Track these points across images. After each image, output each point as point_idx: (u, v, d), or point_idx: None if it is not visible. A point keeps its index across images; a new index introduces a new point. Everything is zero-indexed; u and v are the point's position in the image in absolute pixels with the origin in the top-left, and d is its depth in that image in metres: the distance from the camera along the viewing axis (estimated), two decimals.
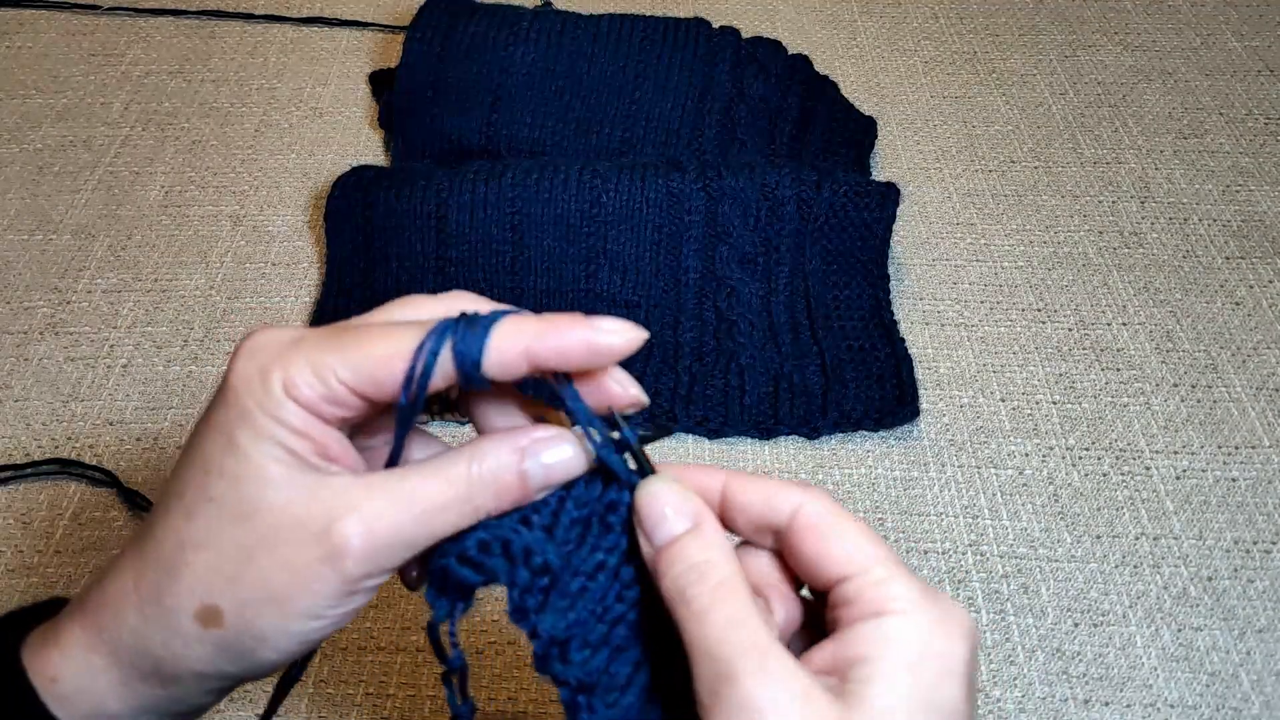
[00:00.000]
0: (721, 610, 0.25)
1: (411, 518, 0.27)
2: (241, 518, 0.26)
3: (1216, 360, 0.61)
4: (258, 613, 0.26)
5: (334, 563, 0.26)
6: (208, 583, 0.27)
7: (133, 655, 0.27)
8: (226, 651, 0.27)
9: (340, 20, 0.88)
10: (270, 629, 0.27)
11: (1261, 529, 0.53)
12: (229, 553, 0.26)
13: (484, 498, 0.27)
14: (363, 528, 0.26)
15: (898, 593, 0.26)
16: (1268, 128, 0.76)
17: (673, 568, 0.27)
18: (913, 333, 0.63)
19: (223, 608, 0.27)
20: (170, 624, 0.27)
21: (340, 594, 0.27)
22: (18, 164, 0.76)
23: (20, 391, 0.61)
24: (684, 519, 0.28)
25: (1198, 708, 0.47)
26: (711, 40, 0.75)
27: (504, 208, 0.62)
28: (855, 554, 0.27)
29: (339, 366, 0.26)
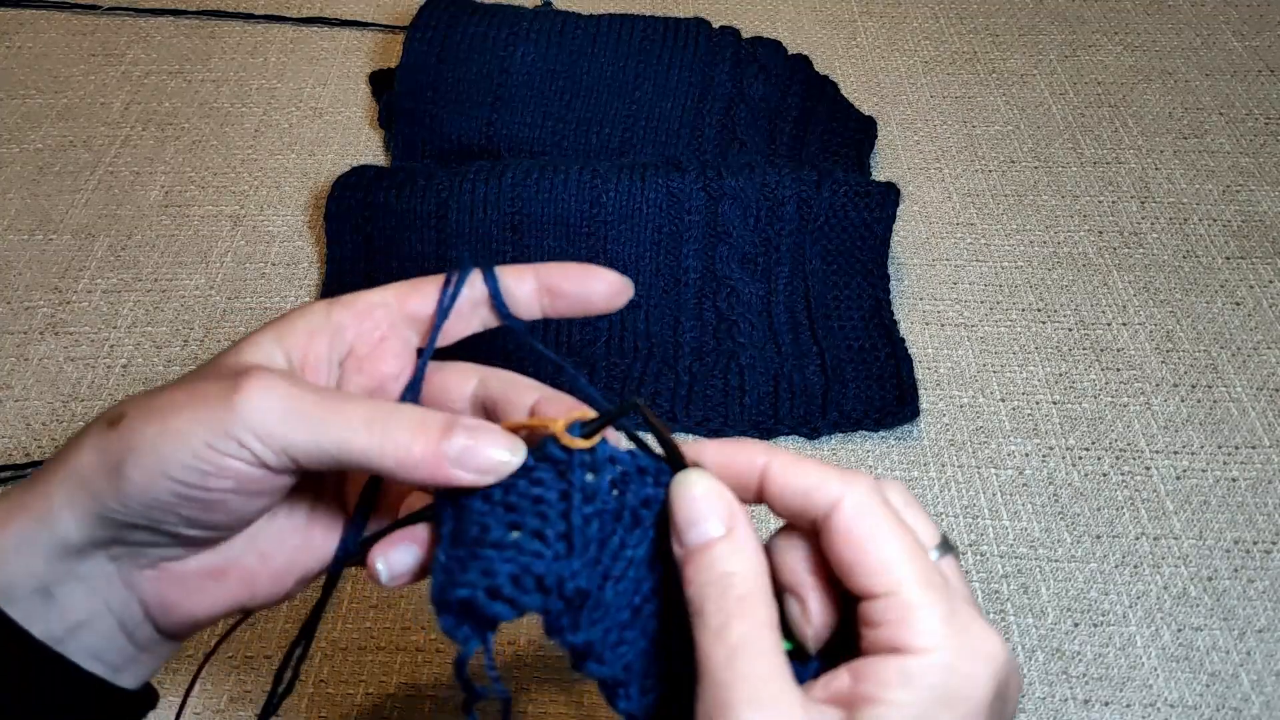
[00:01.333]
0: (733, 632, 0.25)
1: (315, 400, 0.27)
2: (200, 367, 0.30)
3: (1216, 360, 0.61)
4: (146, 419, 0.27)
5: (226, 395, 0.27)
6: (133, 399, 0.28)
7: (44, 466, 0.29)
8: (104, 455, 0.27)
9: (340, 20, 0.88)
10: (145, 440, 0.27)
11: (1261, 529, 0.53)
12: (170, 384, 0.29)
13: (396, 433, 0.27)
14: (267, 380, 0.27)
15: (922, 625, 0.25)
16: (1268, 128, 0.76)
17: (697, 575, 0.26)
18: (913, 333, 0.63)
19: (127, 414, 0.28)
20: (88, 427, 0.28)
21: (218, 431, 0.26)
22: (18, 164, 0.76)
23: (20, 391, 0.61)
24: (716, 522, 0.27)
25: (1198, 708, 0.47)
26: (711, 40, 0.75)
27: (504, 208, 0.62)
28: (885, 570, 0.26)
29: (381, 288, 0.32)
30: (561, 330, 0.62)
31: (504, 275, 0.32)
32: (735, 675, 0.24)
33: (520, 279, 0.32)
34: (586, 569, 0.27)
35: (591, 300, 0.32)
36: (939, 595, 0.25)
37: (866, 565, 0.26)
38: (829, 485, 0.27)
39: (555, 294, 0.32)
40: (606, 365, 0.60)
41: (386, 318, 0.32)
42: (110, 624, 0.30)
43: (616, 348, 0.62)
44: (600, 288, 0.32)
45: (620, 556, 0.28)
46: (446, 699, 0.48)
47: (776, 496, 0.28)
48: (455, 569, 0.27)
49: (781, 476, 0.28)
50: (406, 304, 0.32)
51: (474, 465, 0.27)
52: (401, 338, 0.32)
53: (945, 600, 0.25)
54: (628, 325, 0.62)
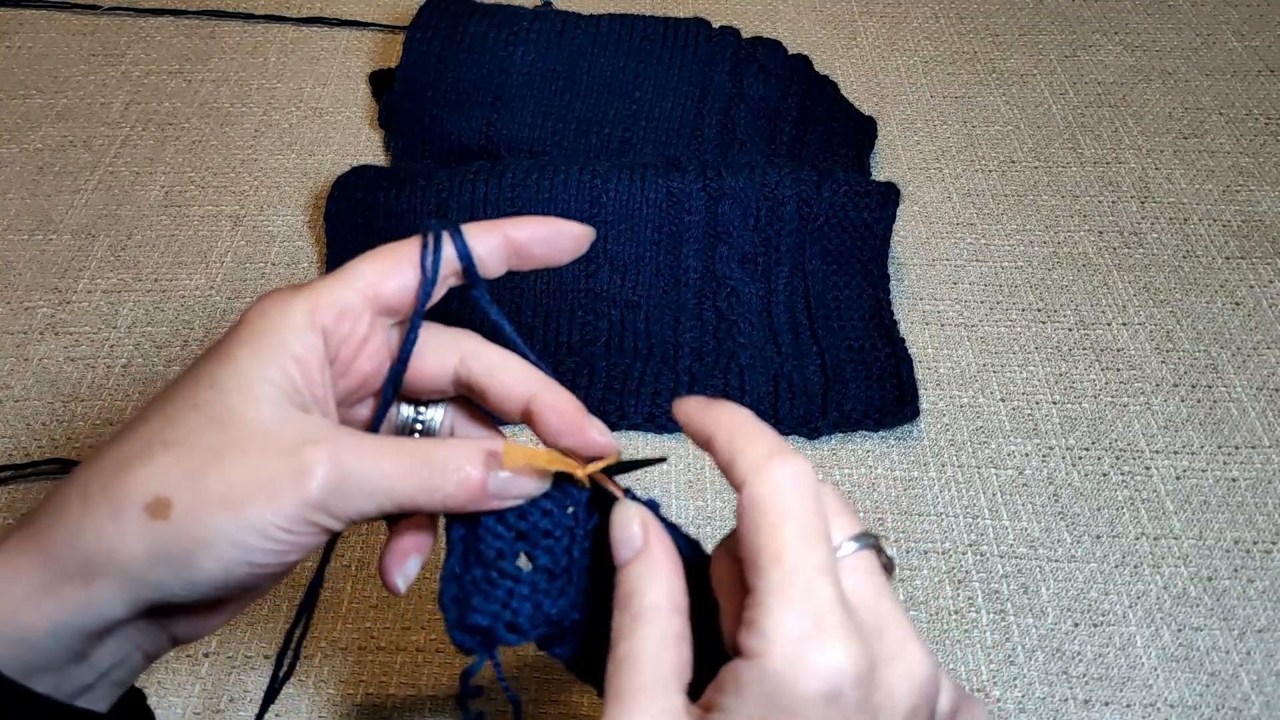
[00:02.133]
0: (622, 645, 0.27)
1: (376, 468, 0.28)
2: (220, 423, 0.27)
3: (1216, 360, 0.61)
4: (210, 512, 0.26)
5: (298, 479, 0.26)
6: (167, 476, 0.26)
7: (63, 551, 0.26)
8: (163, 548, 0.26)
9: (340, 20, 0.88)
10: (216, 532, 0.26)
11: (1261, 529, 0.53)
12: (199, 452, 0.27)
13: (442, 480, 0.28)
14: (332, 455, 0.27)
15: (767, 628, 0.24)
16: (1268, 128, 0.76)
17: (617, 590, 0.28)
18: (913, 333, 0.63)
19: (175, 501, 0.26)
20: (114, 512, 0.26)
21: (294, 516, 0.27)
22: (18, 164, 0.76)
23: (20, 391, 0.61)
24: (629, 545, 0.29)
25: (1198, 708, 0.47)
26: (711, 40, 0.75)
27: (504, 208, 0.62)
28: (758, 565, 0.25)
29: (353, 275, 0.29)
30: (561, 331, 0.62)
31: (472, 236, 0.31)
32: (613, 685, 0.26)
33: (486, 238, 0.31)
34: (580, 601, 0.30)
35: (556, 255, 0.32)
36: (793, 597, 0.24)
37: (747, 555, 0.26)
38: (741, 466, 0.27)
39: (521, 250, 0.31)
40: (607, 365, 0.60)
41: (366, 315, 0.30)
42: (138, 659, 0.30)
43: (616, 348, 0.62)
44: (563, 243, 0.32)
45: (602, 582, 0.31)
46: (446, 699, 0.48)
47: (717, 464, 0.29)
48: (474, 591, 0.29)
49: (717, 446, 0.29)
50: (383, 295, 0.30)
51: (511, 495, 0.29)
52: (380, 331, 0.31)
53: (798, 604, 0.24)
54: (628, 325, 0.62)
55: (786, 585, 0.24)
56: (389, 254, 0.30)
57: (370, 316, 0.30)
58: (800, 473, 0.26)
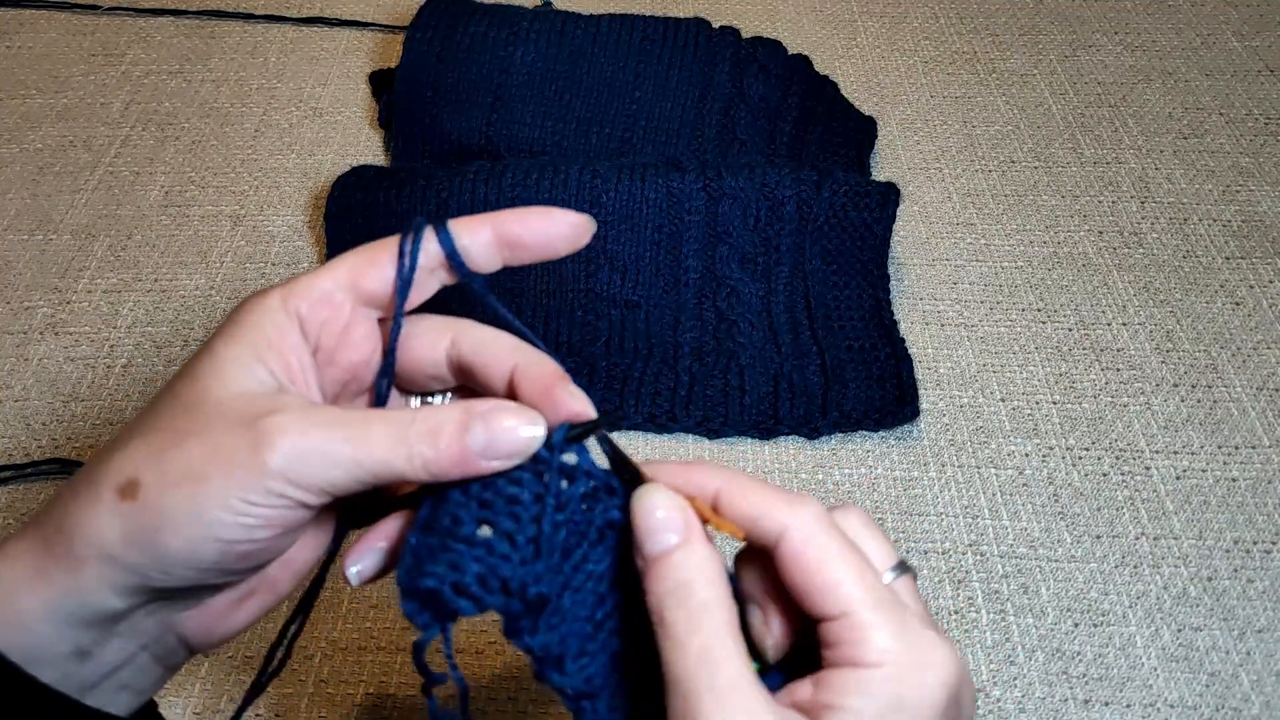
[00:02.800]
0: (695, 640, 0.26)
1: (342, 436, 0.27)
2: (189, 406, 0.27)
3: (1216, 360, 0.61)
4: (171, 488, 0.26)
5: (255, 451, 0.26)
6: (137, 459, 0.27)
7: (53, 534, 0.27)
8: (134, 528, 0.26)
9: (340, 20, 0.88)
10: (178, 508, 0.26)
11: (1261, 529, 0.53)
12: (165, 434, 0.27)
13: (420, 445, 0.27)
14: (289, 425, 0.26)
15: (874, 643, 0.26)
16: (1268, 128, 0.76)
17: (658, 585, 0.27)
18: (913, 333, 0.63)
19: (143, 481, 0.26)
20: (93, 496, 0.27)
21: (253, 486, 0.26)
22: (18, 164, 0.76)
23: (20, 391, 0.61)
24: (673, 532, 0.27)
25: (1198, 708, 0.47)
26: (711, 40, 0.75)
27: (504, 208, 0.62)
28: (835, 593, 0.26)
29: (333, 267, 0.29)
30: (561, 331, 0.62)
31: (459, 230, 0.30)
32: (702, 684, 0.25)
33: (475, 232, 0.30)
34: (549, 575, 0.27)
35: (554, 245, 0.31)
36: (889, 613, 0.26)
37: (817, 590, 0.27)
38: (775, 513, 0.28)
39: (514, 243, 0.30)
40: (607, 365, 0.60)
41: (346, 303, 0.30)
42: (145, 660, 0.30)
43: (616, 348, 0.62)
44: (562, 230, 0.31)
45: (581, 569, 0.29)
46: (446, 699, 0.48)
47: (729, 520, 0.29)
48: (424, 557, 0.27)
49: (731, 502, 0.28)
50: (362, 285, 0.30)
51: (502, 453, 0.28)
52: (364, 320, 0.30)
53: (896, 617, 0.26)
54: (628, 325, 0.62)
55: (878, 601, 0.26)
56: (372, 247, 0.30)
57: (351, 305, 0.30)
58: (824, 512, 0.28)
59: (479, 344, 0.31)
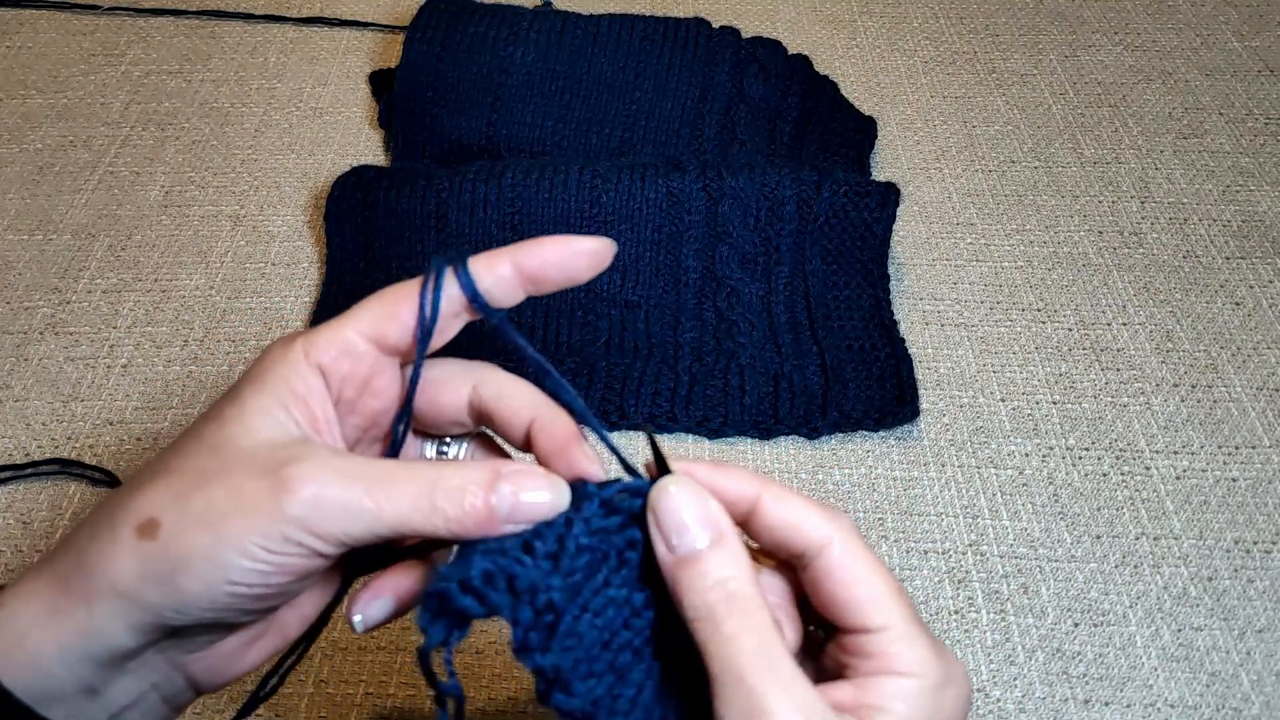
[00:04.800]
0: (751, 636, 0.26)
1: (364, 488, 0.27)
2: (214, 450, 0.28)
3: (1216, 360, 0.61)
4: (191, 531, 0.26)
5: (275, 497, 0.26)
6: (156, 499, 0.27)
7: (69, 571, 0.27)
8: (151, 567, 0.26)
9: (340, 20, 0.88)
10: (197, 550, 0.26)
11: (1261, 529, 0.53)
12: (188, 477, 0.27)
13: (444, 503, 0.27)
14: (312, 474, 0.27)
15: (914, 655, 0.27)
16: (1268, 128, 0.76)
17: (699, 582, 0.27)
18: (913, 333, 0.63)
19: (162, 522, 0.27)
20: (110, 534, 0.27)
21: (271, 533, 0.26)
22: (18, 164, 0.76)
23: (20, 391, 0.61)
24: (706, 530, 0.27)
25: (1198, 708, 0.47)
26: (711, 40, 0.75)
27: (504, 208, 0.62)
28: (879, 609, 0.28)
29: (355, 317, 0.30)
30: (561, 331, 0.62)
31: (479, 269, 0.30)
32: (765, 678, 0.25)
33: (495, 269, 0.30)
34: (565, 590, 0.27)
35: (575, 274, 0.31)
36: (922, 629, 0.28)
37: (858, 601, 0.28)
38: (817, 525, 0.28)
39: (535, 277, 0.30)
40: (607, 365, 0.60)
41: (368, 354, 0.30)
42: (154, 700, 0.30)
43: (616, 348, 0.62)
44: (580, 261, 0.31)
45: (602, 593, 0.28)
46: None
47: (765, 529, 0.29)
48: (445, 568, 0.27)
49: (773, 511, 0.29)
50: (384, 335, 0.30)
51: (524, 517, 0.28)
52: (386, 369, 0.31)
53: (927, 634, 0.28)
54: (628, 325, 0.62)
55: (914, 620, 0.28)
56: (393, 294, 0.30)
57: (374, 355, 0.30)
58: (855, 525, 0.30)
59: (500, 393, 0.31)
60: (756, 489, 0.29)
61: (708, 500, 0.28)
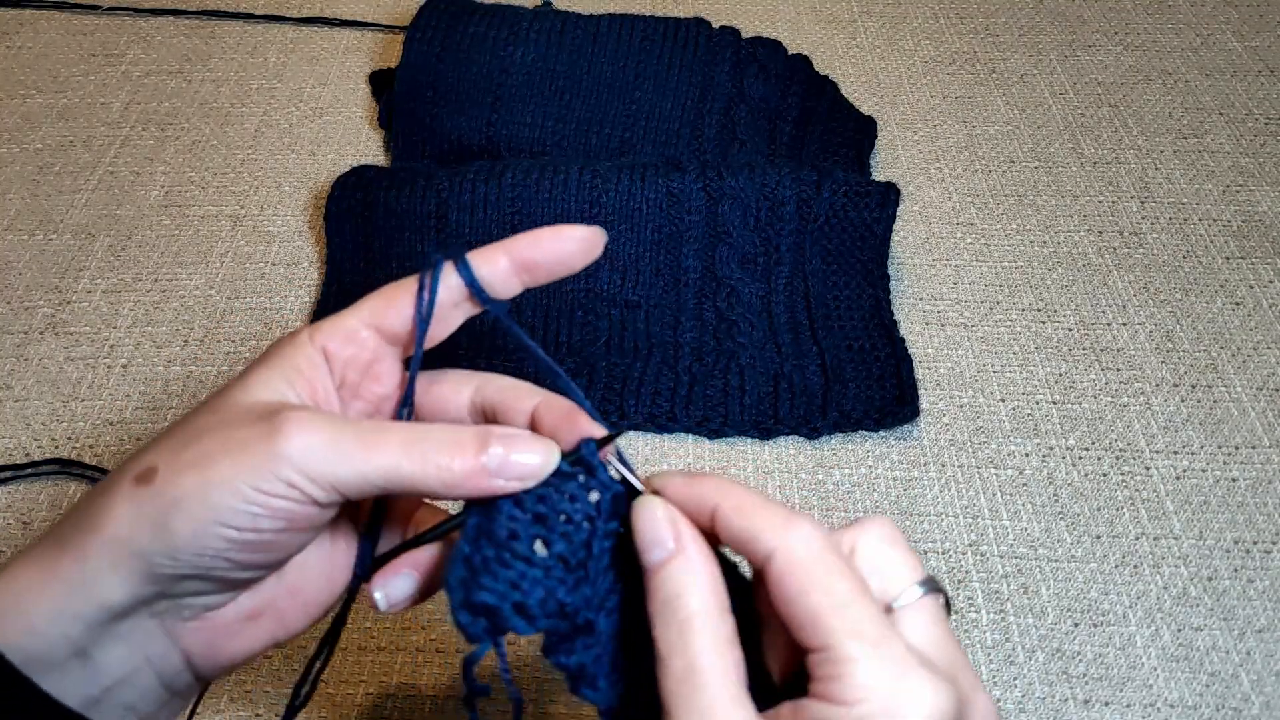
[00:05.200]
0: (677, 659, 0.26)
1: (354, 433, 0.28)
2: (211, 410, 0.29)
3: (1216, 360, 0.61)
4: (184, 473, 0.27)
5: (267, 439, 0.27)
6: (158, 451, 0.28)
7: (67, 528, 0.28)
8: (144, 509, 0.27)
9: (340, 20, 0.88)
10: (189, 490, 0.27)
11: (1261, 529, 0.53)
12: (188, 431, 0.28)
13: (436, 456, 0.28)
14: (306, 419, 0.27)
15: (858, 679, 0.24)
16: (1268, 128, 0.76)
17: (651, 599, 0.27)
18: (913, 333, 0.63)
19: (158, 467, 0.27)
20: (110, 486, 0.28)
21: (264, 474, 0.27)
22: (18, 164, 0.76)
23: (20, 391, 0.61)
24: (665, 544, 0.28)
25: (1198, 708, 0.47)
26: (711, 40, 0.75)
27: (504, 208, 0.62)
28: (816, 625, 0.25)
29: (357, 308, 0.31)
30: (561, 330, 0.62)
31: (477, 262, 0.31)
32: (679, 702, 0.25)
33: (493, 261, 0.31)
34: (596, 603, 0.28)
35: (569, 262, 0.32)
36: (872, 649, 0.25)
37: (798, 619, 0.26)
38: (764, 535, 0.27)
39: (531, 267, 0.31)
40: (606, 365, 0.60)
41: (370, 340, 0.31)
42: (149, 676, 0.30)
43: (616, 348, 0.62)
44: (572, 247, 0.32)
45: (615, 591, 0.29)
46: (446, 699, 0.48)
47: (724, 540, 0.28)
48: (482, 570, 0.28)
49: (726, 521, 0.28)
50: (384, 323, 0.31)
51: (514, 473, 0.29)
52: (388, 356, 0.32)
53: (879, 653, 0.25)
54: (628, 325, 0.62)
55: (862, 632, 0.25)
56: (395, 287, 0.32)
57: (375, 342, 0.31)
58: (819, 534, 0.27)
59: (503, 390, 0.33)
60: (715, 499, 0.28)
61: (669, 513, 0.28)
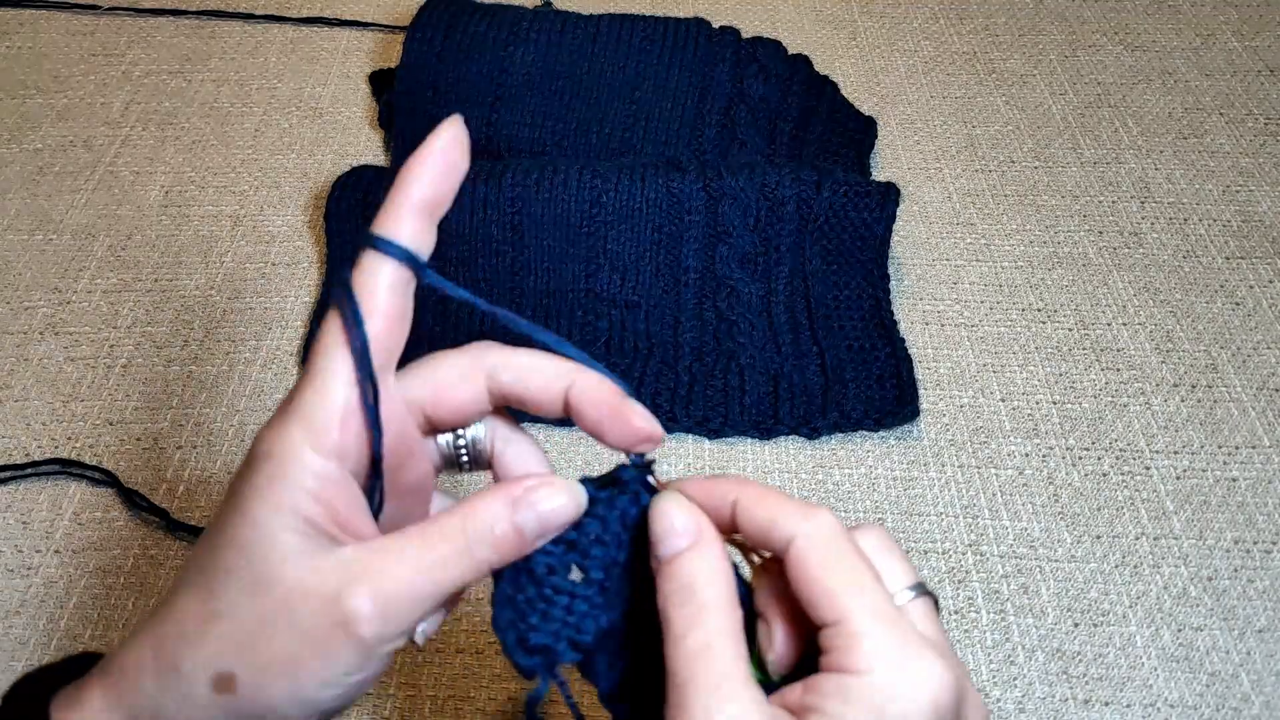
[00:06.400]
0: (693, 636, 0.26)
1: (418, 575, 0.27)
2: (256, 588, 0.27)
3: (1216, 360, 0.61)
4: (271, 679, 0.27)
5: (348, 629, 0.26)
6: (223, 651, 0.27)
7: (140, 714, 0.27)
8: (238, 718, 0.27)
9: (340, 20, 0.88)
10: (282, 697, 0.27)
11: (1261, 529, 0.53)
12: (246, 622, 0.27)
13: (482, 551, 0.28)
14: (371, 591, 0.27)
15: (869, 649, 0.25)
16: (1268, 128, 0.76)
17: (665, 584, 0.28)
18: (913, 333, 0.63)
19: (237, 674, 0.27)
20: (186, 691, 0.27)
21: (357, 661, 0.27)
22: (18, 164, 0.76)
23: (20, 391, 0.61)
24: (684, 535, 0.28)
25: (1198, 708, 0.47)
26: (711, 40, 0.75)
27: (504, 208, 0.62)
28: (834, 599, 0.26)
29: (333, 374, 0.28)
30: (561, 330, 0.62)
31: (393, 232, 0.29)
32: (693, 676, 0.26)
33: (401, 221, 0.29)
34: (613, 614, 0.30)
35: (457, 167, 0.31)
36: (885, 625, 0.26)
37: (818, 594, 0.27)
38: (788, 520, 0.28)
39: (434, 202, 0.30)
40: (607, 365, 0.60)
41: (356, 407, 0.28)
42: None
43: (617, 348, 0.62)
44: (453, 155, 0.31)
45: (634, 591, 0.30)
46: (447, 699, 0.48)
47: (744, 529, 0.29)
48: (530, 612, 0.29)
49: (747, 510, 0.29)
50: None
51: (554, 527, 0.29)
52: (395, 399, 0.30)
53: (892, 630, 0.26)
54: (628, 325, 0.62)
55: (876, 611, 0.26)
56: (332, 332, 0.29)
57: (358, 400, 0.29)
58: (838, 522, 0.28)
59: (520, 376, 0.30)
60: (735, 493, 0.29)
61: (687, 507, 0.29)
